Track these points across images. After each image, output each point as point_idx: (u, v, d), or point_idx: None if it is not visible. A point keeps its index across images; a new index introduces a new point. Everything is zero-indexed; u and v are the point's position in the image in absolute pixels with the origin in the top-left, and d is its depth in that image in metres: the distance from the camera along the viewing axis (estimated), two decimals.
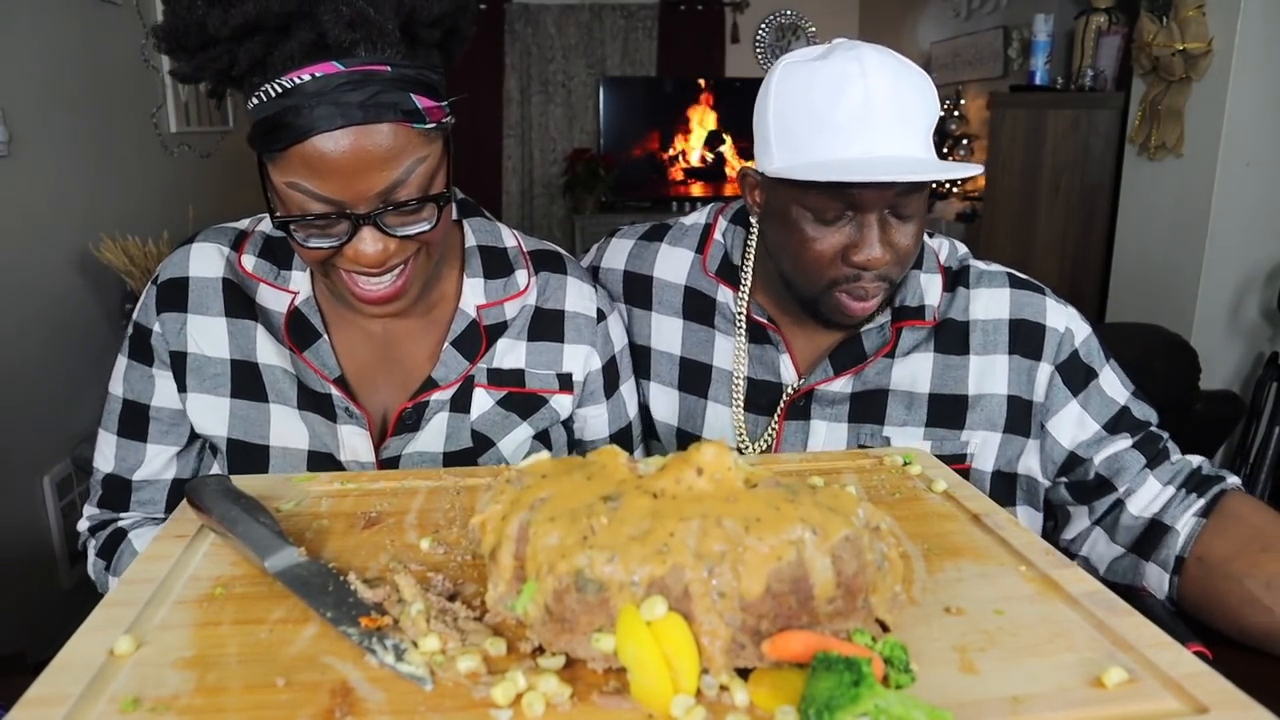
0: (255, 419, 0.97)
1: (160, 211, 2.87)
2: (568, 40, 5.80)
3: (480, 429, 1.00)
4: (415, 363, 1.01)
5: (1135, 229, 2.86)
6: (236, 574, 0.65)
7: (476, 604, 0.60)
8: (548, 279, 1.06)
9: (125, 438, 1.01)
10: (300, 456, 0.97)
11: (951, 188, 4.38)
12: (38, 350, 2.25)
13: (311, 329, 0.97)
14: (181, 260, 0.99)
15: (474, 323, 1.01)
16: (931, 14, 4.79)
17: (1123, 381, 1.08)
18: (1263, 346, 2.58)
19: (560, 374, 1.05)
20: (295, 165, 0.78)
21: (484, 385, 1.01)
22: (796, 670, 0.49)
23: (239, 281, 0.99)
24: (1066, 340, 1.06)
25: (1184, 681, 0.51)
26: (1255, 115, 2.48)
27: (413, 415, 0.98)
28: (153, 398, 0.99)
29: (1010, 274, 1.11)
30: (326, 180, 0.79)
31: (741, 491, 0.55)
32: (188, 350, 0.97)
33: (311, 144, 0.77)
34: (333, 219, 0.81)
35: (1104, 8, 3.06)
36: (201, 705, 0.49)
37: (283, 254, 1.00)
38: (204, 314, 0.97)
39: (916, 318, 1.07)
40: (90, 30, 2.59)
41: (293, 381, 0.97)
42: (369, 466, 0.97)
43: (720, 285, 1.14)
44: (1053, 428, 1.06)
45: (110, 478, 1.03)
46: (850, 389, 1.08)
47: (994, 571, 0.66)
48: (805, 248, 0.98)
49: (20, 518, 2.18)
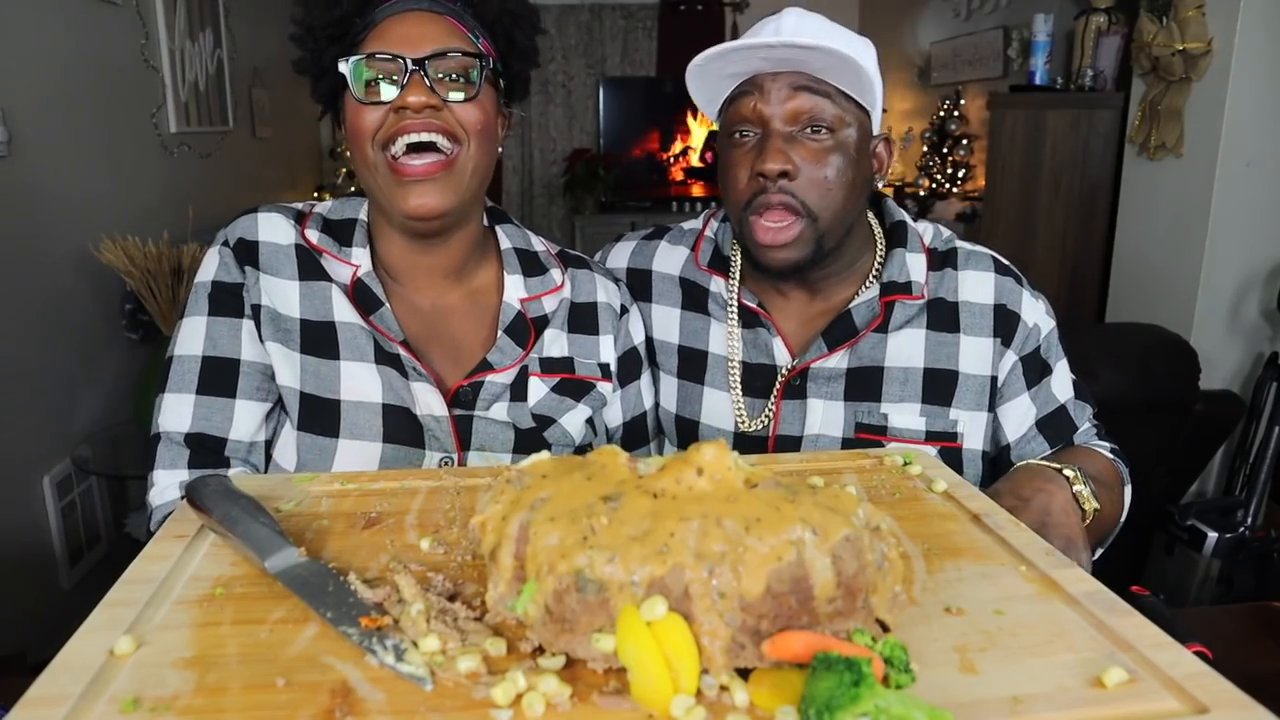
0: (326, 375, 1.00)
1: (160, 211, 2.87)
2: (568, 40, 5.80)
3: (539, 412, 1.06)
4: (467, 343, 1.07)
5: (1135, 229, 2.86)
6: (236, 574, 0.65)
7: (476, 604, 0.60)
8: (576, 275, 1.15)
9: (209, 395, 0.98)
10: (374, 410, 0.99)
11: (951, 188, 4.38)
12: (38, 350, 2.25)
13: (375, 297, 1.03)
14: (250, 225, 1.03)
15: (520, 314, 1.08)
16: (931, 14, 4.79)
17: (1069, 381, 1.16)
18: (1263, 346, 2.58)
19: (600, 363, 1.13)
20: (371, 42, 0.97)
21: (537, 374, 1.07)
22: (796, 670, 0.49)
23: (308, 249, 1.04)
24: (1033, 335, 1.12)
25: (1184, 681, 0.51)
26: (1255, 115, 2.48)
27: (469, 392, 1.03)
28: (242, 351, 1.00)
29: (995, 258, 1.16)
30: (391, 43, 0.96)
31: (741, 491, 0.55)
32: (262, 303, 1.01)
33: (389, 20, 0.97)
34: (392, 60, 0.95)
35: (1104, 8, 3.06)
36: (201, 705, 0.49)
37: (342, 232, 1.06)
38: (276, 275, 1.02)
39: (904, 293, 1.10)
40: (90, 30, 2.59)
41: (369, 337, 1.01)
42: (444, 421, 1.01)
43: (712, 276, 1.18)
44: (1003, 415, 1.13)
45: (194, 437, 0.97)
46: (846, 365, 1.11)
47: (994, 571, 0.66)
48: (727, 173, 1.07)
49: (20, 518, 2.18)
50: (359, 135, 0.98)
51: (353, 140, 0.99)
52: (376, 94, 0.96)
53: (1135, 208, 2.86)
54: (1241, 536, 2.13)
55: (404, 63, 0.95)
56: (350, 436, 0.99)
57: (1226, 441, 2.43)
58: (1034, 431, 1.12)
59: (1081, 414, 1.16)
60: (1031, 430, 1.12)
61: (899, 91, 5.19)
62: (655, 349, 1.21)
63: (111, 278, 2.46)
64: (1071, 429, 1.14)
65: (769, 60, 1.01)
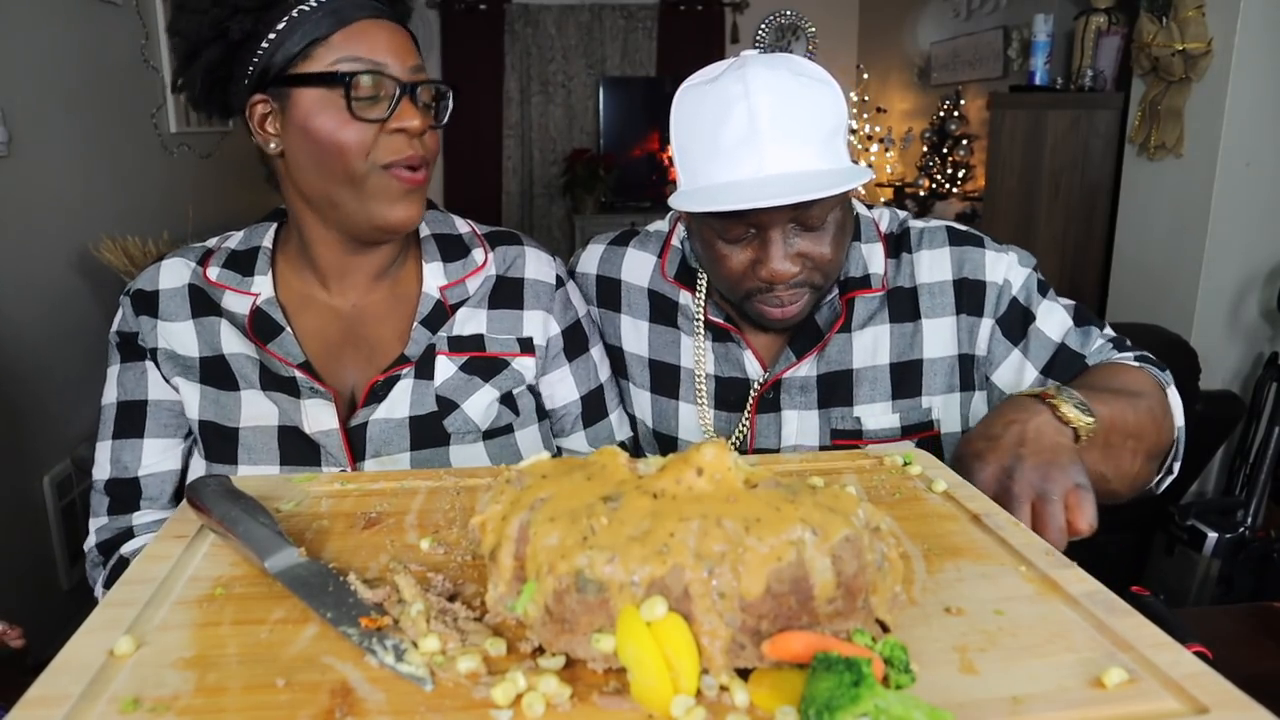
0: (226, 404, 1.02)
1: (160, 211, 2.87)
2: (568, 40, 5.79)
3: (444, 393, 1.04)
4: (384, 341, 1.06)
5: (1135, 229, 2.86)
6: (236, 574, 0.65)
7: (476, 604, 0.60)
8: (505, 251, 1.13)
9: (121, 438, 1.04)
10: (270, 433, 1.01)
11: (951, 188, 4.38)
12: (38, 350, 2.25)
13: (274, 324, 1.03)
14: (151, 275, 1.07)
15: (439, 303, 1.07)
16: (931, 14, 4.79)
17: (1064, 313, 1.09)
18: (1263, 346, 2.58)
19: (520, 338, 1.10)
20: (344, 45, 0.93)
21: (445, 353, 1.06)
22: (796, 670, 0.49)
23: (204, 288, 1.05)
24: (1005, 292, 1.08)
25: (1184, 682, 0.51)
26: (1255, 115, 2.48)
27: (384, 388, 1.03)
28: (149, 391, 1.04)
29: (949, 227, 1.12)
30: (375, 48, 0.93)
31: (741, 492, 0.55)
32: (159, 346, 1.04)
33: (359, 24, 0.93)
34: (382, 77, 0.93)
35: (1104, 8, 3.06)
36: (201, 705, 0.49)
37: (245, 264, 1.06)
38: (172, 320, 1.04)
39: (863, 287, 1.09)
40: (90, 30, 2.59)
41: (255, 366, 1.02)
42: (334, 435, 1.00)
43: (680, 289, 1.16)
44: (997, 379, 1.09)
45: (111, 483, 1.04)
46: (816, 372, 1.10)
47: (994, 571, 0.66)
48: (718, 264, 1.02)
49: (20, 518, 2.18)
50: (343, 149, 0.93)
51: (330, 153, 0.94)
52: (367, 109, 0.93)
53: (1135, 208, 2.86)
54: (1241, 537, 2.13)
55: (397, 84, 0.94)
56: (249, 462, 1.00)
57: (1226, 442, 2.43)
58: (1040, 380, 1.06)
59: (1088, 339, 1.08)
60: (1037, 380, 1.06)
61: (899, 91, 5.19)
62: (626, 361, 1.20)
63: (111, 278, 2.46)
64: (1079, 360, 1.07)
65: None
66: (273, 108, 0.96)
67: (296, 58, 0.93)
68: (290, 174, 0.99)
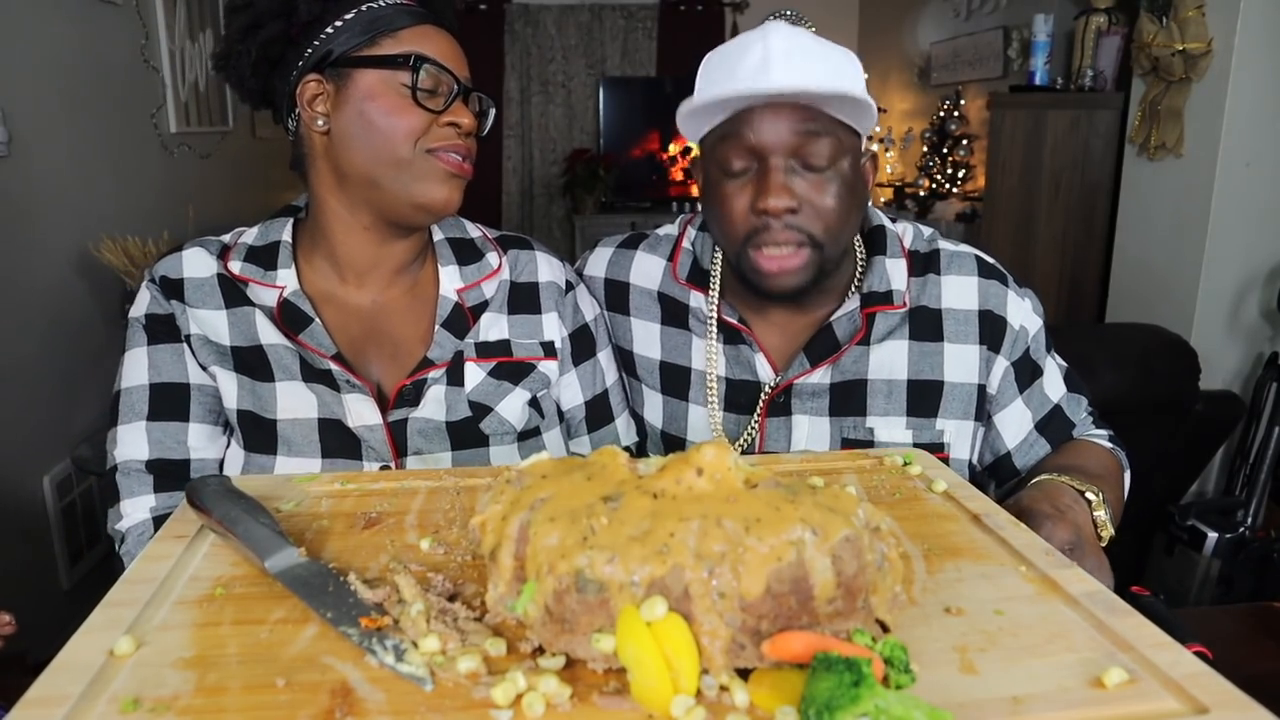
0: (263, 395, 1.00)
1: (160, 211, 2.87)
2: (568, 40, 5.80)
3: (476, 399, 1.05)
4: (407, 341, 1.06)
5: (1135, 229, 2.86)
6: (236, 574, 0.65)
7: (476, 604, 0.60)
8: (517, 255, 1.14)
9: (159, 420, 0.99)
10: (311, 425, 1.00)
11: (951, 188, 4.38)
12: (37, 350, 2.25)
13: (303, 315, 1.02)
14: (174, 263, 1.04)
15: (457, 305, 1.08)
16: (931, 14, 4.79)
17: (1061, 377, 1.15)
18: (1263, 346, 2.58)
19: (543, 342, 1.11)
20: (412, 40, 0.98)
21: (473, 359, 1.06)
22: (796, 670, 0.49)
23: (231, 279, 1.04)
24: (1021, 338, 1.11)
25: (1184, 682, 0.51)
26: (1255, 115, 2.48)
27: (411, 392, 1.03)
28: (189, 375, 1.01)
29: (978, 258, 1.13)
30: (440, 50, 0.99)
31: (741, 492, 0.55)
32: (193, 332, 1.01)
33: (426, 27, 1.00)
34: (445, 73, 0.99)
35: (1104, 8, 3.06)
36: (201, 705, 0.49)
37: (267, 258, 1.05)
38: (202, 307, 1.02)
39: (885, 303, 1.09)
40: (90, 30, 2.59)
41: (295, 356, 1.01)
42: (377, 430, 1.00)
43: (691, 290, 1.16)
44: (999, 422, 1.12)
45: (157, 463, 0.98)
46: (829, 380, 1.09)
47: (994, 572, 0.66)
48: (721, 205, 1.02)
49: (20, 518, 2.18)
50: (397, 131, 0.97)
51: (384, 133, 0.97)
52: (427, 99, 0.97)
53: (1135, 208, 2.86)
54: (1241, 537, 2.13)
55: (456, 82, 0.99)
56: (288, 454, 0.99)
57: (1226, 442, 2.43)
58: (1035, 436, 1.11)
59: (1077, 408, 1.15)
60: (1032, 435, 1.11)
61: (899, 91, 5.19)
62: (636, 364, 1.19)
63: (111, 278, 2.46)
64: (1070, 426, 1.13)
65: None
66: (325, 88, 0.98)
67: (362, 44, 0.97)
68: (332, 152, 1.00)
